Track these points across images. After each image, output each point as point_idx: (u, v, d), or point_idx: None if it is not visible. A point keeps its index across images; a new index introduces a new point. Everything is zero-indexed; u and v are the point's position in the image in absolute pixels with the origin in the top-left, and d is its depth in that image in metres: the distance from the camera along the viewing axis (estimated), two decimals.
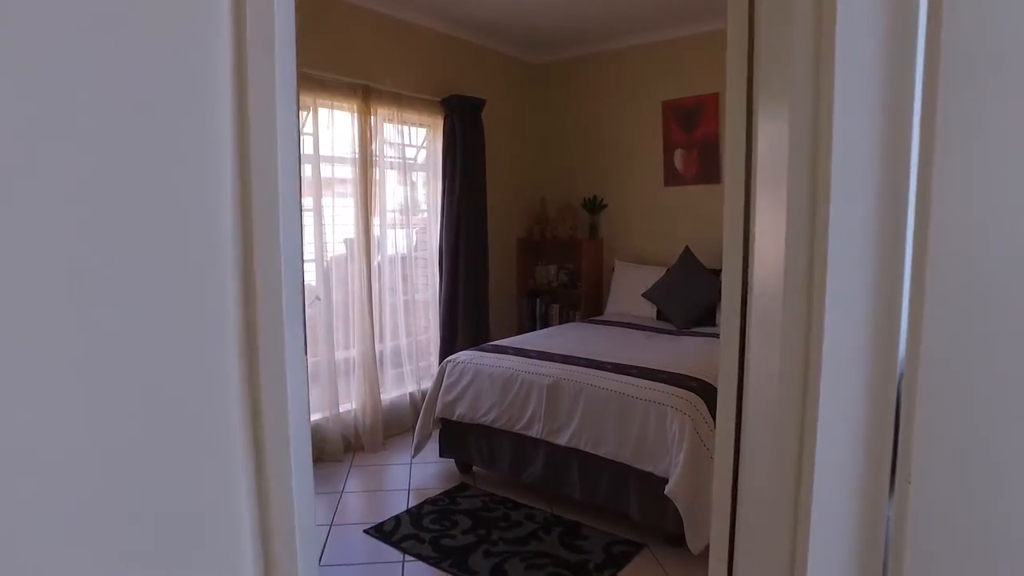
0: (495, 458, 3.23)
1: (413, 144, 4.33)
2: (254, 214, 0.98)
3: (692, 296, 4.13)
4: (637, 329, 4.03)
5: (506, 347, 3.49)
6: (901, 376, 0.98)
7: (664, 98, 4.56)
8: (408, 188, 4.27)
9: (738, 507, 1.32)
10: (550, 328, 4.25)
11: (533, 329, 5.16)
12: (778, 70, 1.09)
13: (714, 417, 2.67)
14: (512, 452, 3.14)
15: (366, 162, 3.85)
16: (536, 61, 5.19)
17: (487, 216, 4.60)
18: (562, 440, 2.91)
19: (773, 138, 1.11)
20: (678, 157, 4.55)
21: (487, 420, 3.18)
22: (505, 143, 4.98)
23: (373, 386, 3.94)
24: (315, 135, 3.66)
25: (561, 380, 2.96)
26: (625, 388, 2.78)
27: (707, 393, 2.69)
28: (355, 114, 3.80)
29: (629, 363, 3.08)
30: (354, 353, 3.93)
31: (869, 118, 0.96)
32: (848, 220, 0.97)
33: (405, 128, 4.22)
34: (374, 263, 3.98)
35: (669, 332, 3.95)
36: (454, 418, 3.33)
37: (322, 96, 3.61)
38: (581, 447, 2.84)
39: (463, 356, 3.41)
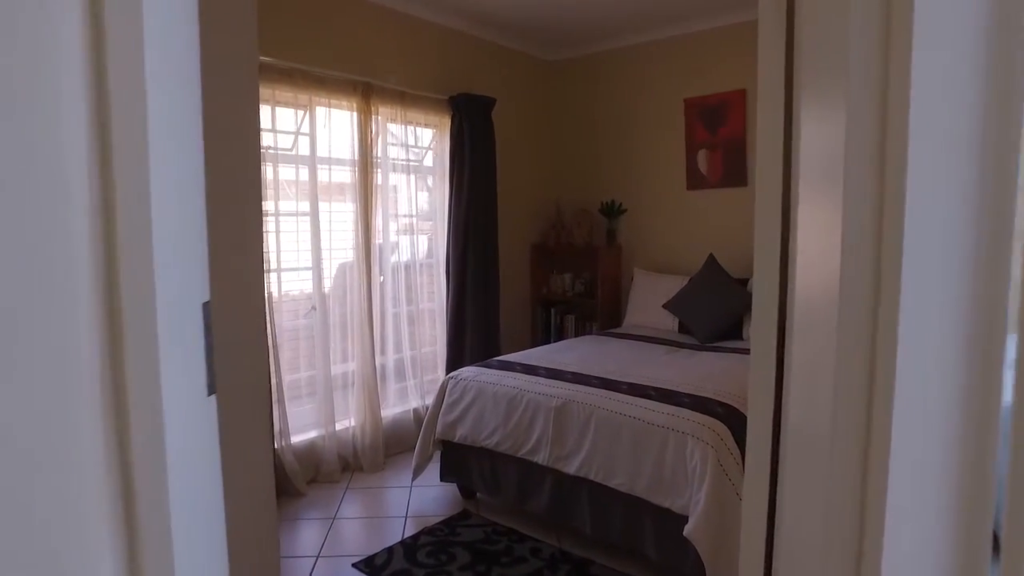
0: (499, 485, 2.96)
1: (418, 145, 4.09)
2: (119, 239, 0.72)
3: (717, 308, 3.82)
4: (656, 343, 3.74)
5: (513, 363, 3.23)
6: (1006, 416, 0.75)
7: (686, 96, 4.28)
8: (413, 192, 4.03)
9: (774, 560, 1.10)
10: (564, 341, 3.97)
11: (547, 341, 4.89)
12: (827, 60, 0.90)
13: (742, 448, 2.38)
14: (518, 479, 2.87)
15: (367, 164, 3.62)
16: (550, 58, 4.94)
17: (498, 222, 4.35)
18: (571, 468, 2.63)
19: (821, 137, 0.93)
20: (702, 158, 4.25)
21: (490, 443, 2.91)
22: (517, 144, 4.73)
23: (373, 402, 3.70)
24: (312, 136, 3.44)
25: (570, 402, 2.68)
26: (640, 412, 2.50)
27: (734, 420, 2.39)
28: (355, 113, 3.58)
29: (646, 383, 2.79)
30: (353, 366, 3.69)
31: (963, 108, 0.75)
32: (929, 230, 0.75)
33: (410, 128, 3.99)
34: (375, 271, 3.75)
35: (691, 347, 3.65)
36: (455, 440, 3.07)
37: (319, 94, 3.39)
38: (591, 477, 2.56)
39: (466, 373, 3.15)
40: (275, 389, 3.24)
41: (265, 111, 3.24)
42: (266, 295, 3.16)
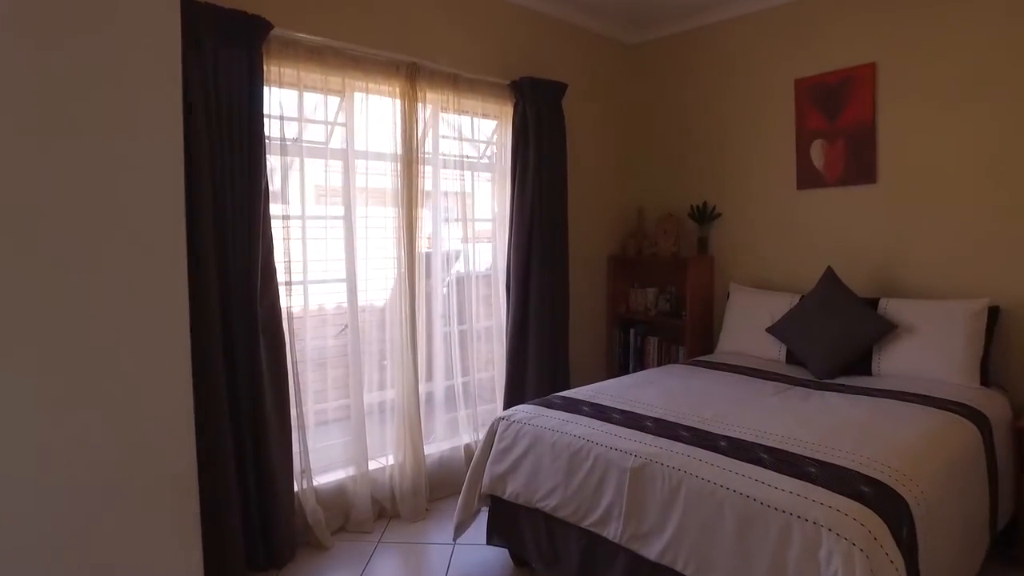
0: (558, 557, 2.33)
1: (475, 139, 3.54)
2: None
3: (838, 335, 3.05)
4: (760, 378, 3.01)
5: (581, 402, 2.59)
6: None
7: (798, 75, 3.53)
8: (469, 193, 3.48)
9: None
10: (645, 372, 3.29)
11: (625, 366, 4.22)
12: None
13: (903, 551, 1.65)
14: (581, 554, 2.23)
15: (412, 160, 3.09)
16: (631, 40, 4.28)
17: (567, 228, 3.73)
18: (651, 552, 1.97)
19: None
20: (817, 151, 3.48)
21: (547, 506, 2.29)
22: (592, 138, 4.10)
23: (415, 437, 3.15)
24: (348, 126, 2.95)
25: (651, 463, 2.02)
26: (749, 486, 1.81)
27: (890, 507, 1.67)
28: (398, 100, 3.06)
29: (754, 439, 2.10)
30: (392, 394, 3.16)
31: None
32: None
33: (464, 119, 3.44)
34: (420, 284, 3.21)
35: (806, 384, 2.90)
36: (505, 496, 2.47)
37: (354, 76, 2.89)
38: (679, 568, 1.89)
39: (520, 413, 2.54)
40: (295, 420, 2.75)
41: (290, 97, 2.77)
42: (284, 311, 2.68)
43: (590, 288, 4.18)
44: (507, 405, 3.55)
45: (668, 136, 4.17)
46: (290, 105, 2.76)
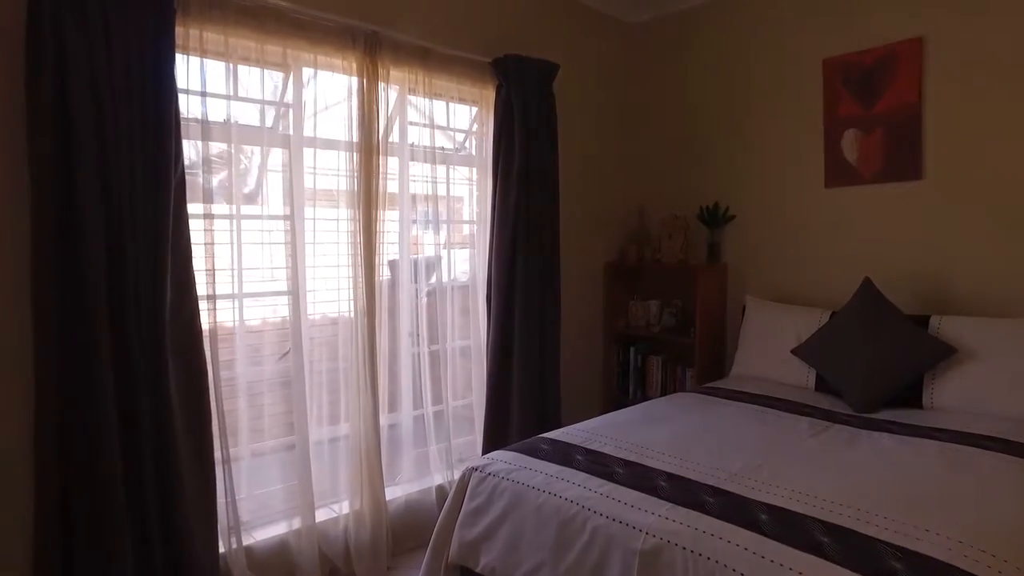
0: None
1: (450, 127, 3.03)
2: None
3: (881, 359, 2.55)
4: (788, 411, 2.50)
5: (574, 447, 2.07)
6: None
7: (827, 55, 3.03)
8: (441, 189, 2.96)
9: None
10: (649, 403, 2.76)
11: (625, 389, 3.71)
12: None
13: None
14: None
15: (372, 150, 2.57)
16: (633, 18, 3.79)
17: (559, 231, 3.22)
18: None
19: None
20: (850, 142, 2.99)
21: None
22: (587, 128, 3.60)
23: (375, 479, 2.62)
24: (296, 109, 2.44)
25: (669, 544, 1.51)
26: None
27: None
28: (355, 77, 2.55)
29: (805, 509, 1.58)
30: (346, 429, 2.63)
31: None
32: None
33: (438, 103, 2.93)
34: (382, 297, 2.69)
35: (846, 420, 2.39)
36: (478, 569, 1.94)
37: (299, 46, 2.38)
38: None
39: (499, 463, 2.01)
40: (221, 464, 2.21)
41: (217, 70, 2.25)
42: (206, 330, 2.15)
43: (584, 300, 3.67)
44: (487, 439, 3.03)
45: (674, 127, 3.67)
46: (217, 80, 2.24)
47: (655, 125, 3.75)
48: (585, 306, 3.68)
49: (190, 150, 2.14)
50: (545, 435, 2.22)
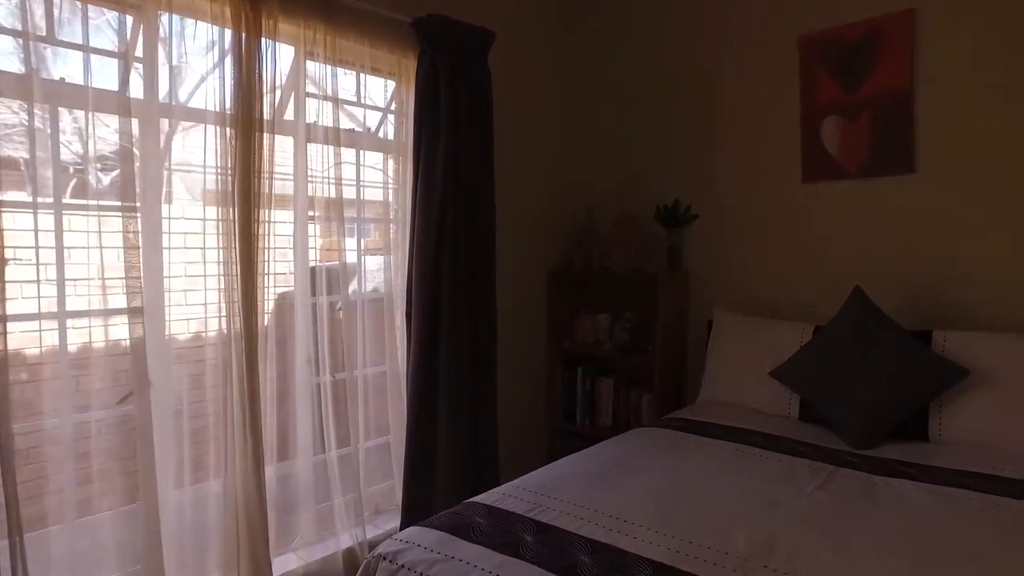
0: None
1: (362, 102, 2.46)
2: None
3: (881, 384, 2.13)
4: (776, 449, 2.04)
5: (519, 519, 1.53)
6: None
7: (804, 31, 2.63)
8: (349, 181, 2.39)
9: None
10: (607, 444, 2.22)
11: (572, 417, 3.21)
12: None
13: None
14: None
15: (250, 125, 1.97)
16: None
17: (494, 232, 2.69)
18: None
19: None
20: (831, 131, 2.59)
21: None
22: (528, 111, 3.09)
23: (258, 547, 2.01)
24: (148, 63, 1.82)
25: None
26: None
27: None
28: (229, 29, 1.95)
29: None
30: (216, 486, 2.00)
31: None
32: None
33: (347, 73, 2.37)
34: (267, 316, 2.09)
35: (848, 461, 1.94)
36: None
37: None
38: None
39: (415, 550, 1.43)
40: (10, 549, 1.56)
41: (37, 5, 1.61)
42: None
43: (523, 314, 3.15)
44: (409, 486, 2.46)
45: (629, 112, 3.20)
46: (36, 17, 1.61)
47: (605, 112, 3.27)
48: (524, 321, 3.15)
49: None
50: (480, 500, 1.66)
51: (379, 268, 2.62)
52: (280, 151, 2.16)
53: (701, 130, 2.94)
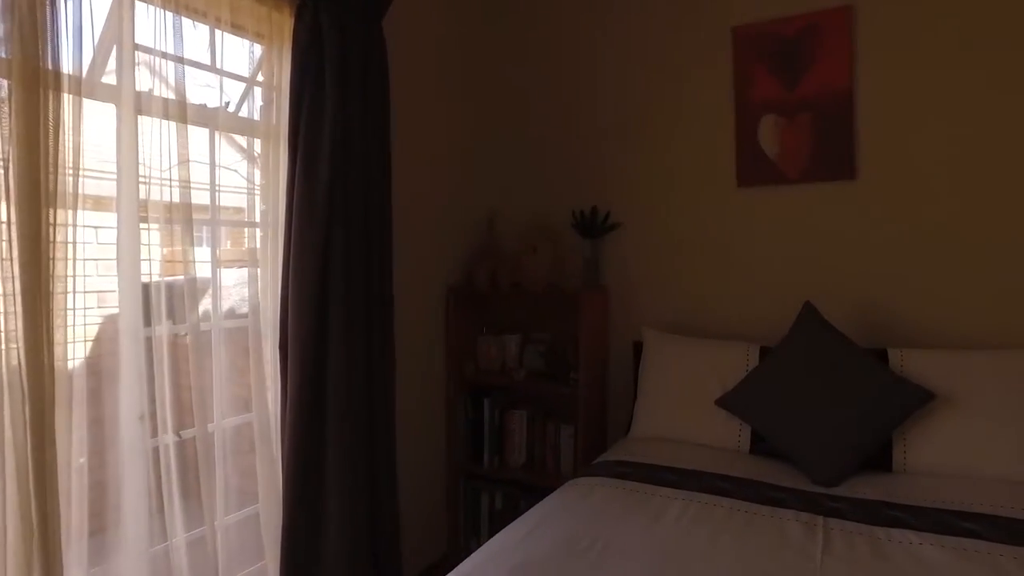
0: None
1: (218, 69, 1.87)
2: None
3: (843, 411, 1.90)
4: (743, 498, 1.72)
5: None
6: None
7: (737, 22, 2.40)
8: (199, 170, 1.79)
9: None
10: (543, 507, 1.75)
11: (477, 458, 2.76)
12: None
13: None
14: None
15: (36, 80, 1.33)
16: None
17: (391, 239, 2.18)
18: None
19: None
20: (768, 131, 2.36)
21: None
22: (421, 104, 2.62)
23: None
24: None
25: None
26: None
27: None
28: None
29: None
30: None
31: None
32: None
33: (197, 26, 1.78)
34: (74, 347, 1.45)
35: (833, 508, 1.66)
36: None
37: None
38: None
39: None
40: None
41: None
42: None
43: (419, 337, 2.65)
44: (288, 570, 1.87)
45: (541, 107, 2.82)
46: None
47: (516, 103, 2.88)
48: (420, 345, 2.66)
49: None
50: None
51: (240, 283, 2.02)
52: (93, 125, 1.54)
53: (623, 128, 2.63)
